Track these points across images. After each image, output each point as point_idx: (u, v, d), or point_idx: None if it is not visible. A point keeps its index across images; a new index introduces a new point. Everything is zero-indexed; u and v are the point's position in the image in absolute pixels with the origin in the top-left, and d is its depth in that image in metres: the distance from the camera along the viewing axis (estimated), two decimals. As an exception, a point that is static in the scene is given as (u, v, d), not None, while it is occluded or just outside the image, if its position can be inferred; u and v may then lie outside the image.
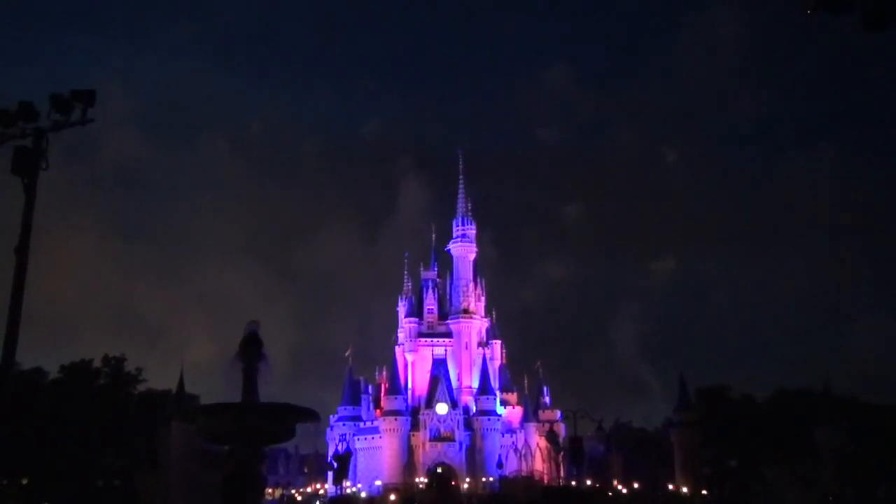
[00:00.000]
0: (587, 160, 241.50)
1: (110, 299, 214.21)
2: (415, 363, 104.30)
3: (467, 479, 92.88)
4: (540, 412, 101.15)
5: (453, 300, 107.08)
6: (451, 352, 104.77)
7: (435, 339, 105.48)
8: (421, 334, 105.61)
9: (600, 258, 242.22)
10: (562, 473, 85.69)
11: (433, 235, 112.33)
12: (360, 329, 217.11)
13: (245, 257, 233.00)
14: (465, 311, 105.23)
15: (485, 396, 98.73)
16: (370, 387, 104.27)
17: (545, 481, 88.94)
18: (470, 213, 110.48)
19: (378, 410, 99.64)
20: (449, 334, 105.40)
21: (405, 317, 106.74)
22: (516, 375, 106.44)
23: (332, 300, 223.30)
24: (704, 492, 78.06)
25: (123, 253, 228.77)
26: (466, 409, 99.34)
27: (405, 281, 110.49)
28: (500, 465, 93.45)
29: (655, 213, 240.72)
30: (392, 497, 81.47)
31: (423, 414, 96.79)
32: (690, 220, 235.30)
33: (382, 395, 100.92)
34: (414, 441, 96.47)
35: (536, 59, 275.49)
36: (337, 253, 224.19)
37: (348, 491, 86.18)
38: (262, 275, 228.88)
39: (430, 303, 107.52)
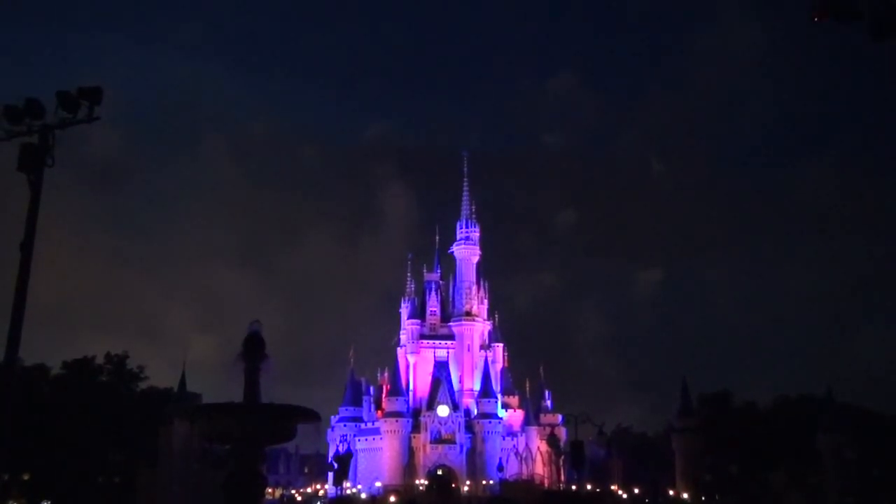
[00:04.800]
0: (591, 166, 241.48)
1: (113, 297, 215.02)
2: (416, 365, 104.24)
3: (468, 482, 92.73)
4: (541, 416, 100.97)
5: (456, 302, 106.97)
6: (452, 354, 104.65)
7: (437, 341, 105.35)
8: (423, 336, 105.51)
9: (603, 263, 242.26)
10: (562, 477, 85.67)
11: (436, 237, 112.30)
12: (360, 330, 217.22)
13: (246, 257, 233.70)
14: (468, 314, 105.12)
15: (486, 399, 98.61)
16: (371, 388, 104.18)
17: (546, 485, 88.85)
18: (474, 216, 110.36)
19: (379, 412, 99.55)
20: (451, 336, 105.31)
21: (407, 318, 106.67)
22: (518, 379, 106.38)
23: (334, 300, 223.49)
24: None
25: (127, 251, 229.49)
26: (468, 412, 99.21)
27: (408, 283, 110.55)
28: (500, 468, 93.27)
29: (659, 219, 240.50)
30: (392, 498, 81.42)
31: (425, 416, 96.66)
32: (695, 226, 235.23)
33: (384, 396, 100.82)
34: (415, 443, 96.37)
35: (543, 65, 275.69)
36: (338, 254, 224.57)
37: (348, 492, 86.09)
38: (264, 275, 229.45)
39: (433, 305, 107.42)
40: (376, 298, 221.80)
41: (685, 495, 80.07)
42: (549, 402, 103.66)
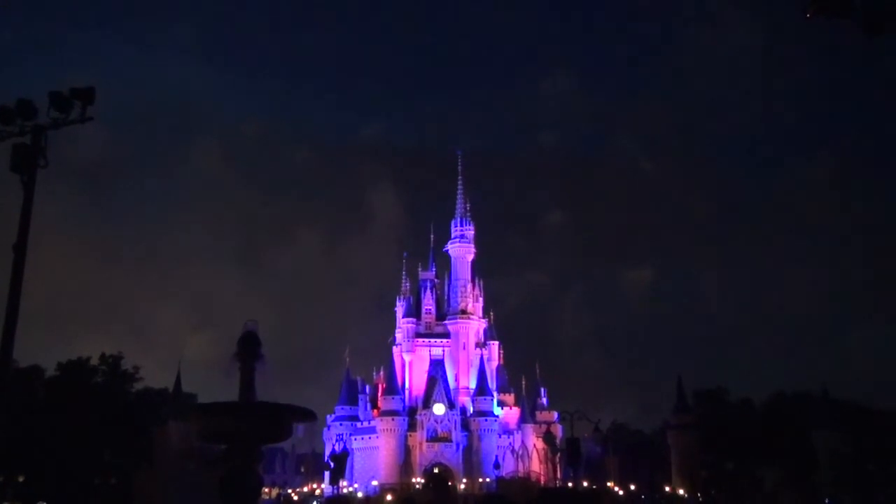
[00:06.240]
0: (585, 166, 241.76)
1: (108, 298, 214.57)
2: (412, 363, 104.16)
3: (464, 480, 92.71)
4: (537, 413, 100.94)
5: (451, 301, 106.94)
6: (448, 352, 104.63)
7: (433, 340, 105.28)
8: (419, 335, 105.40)
9: (598, 261, 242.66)
10: (559, 475, 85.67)
11: (431, 236, 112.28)
12: (355, 329, 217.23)
13: (240, 257, 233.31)
14: (463, 312, 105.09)
15: (482, 397, 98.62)
16: (367, 387, 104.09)
17: (542, 482, 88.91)
18: (469, 214, 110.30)
19: (375, 410, 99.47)
20: (447, 335, 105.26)
21: (403, 317, 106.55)
22: (514, 376, 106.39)
23: (328, 299, 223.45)
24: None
25: (120, 251, 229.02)
26: (464, 410, 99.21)
27: (403, 281, 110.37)
28: (496, 465, 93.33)
29: (653, 219, 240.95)
30: (388, 497, 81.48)
31: (421, 414, 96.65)
32: (691, 225, 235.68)
33: (380, 395, 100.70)
34: (411, 441, 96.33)
35: (537, 65, 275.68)
36: (332, 253, 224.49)
37: (345, 491, 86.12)
38: (257, 274, 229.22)
39: (428, 303, 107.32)
40: (371, 298, 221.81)
41: (681, 492, 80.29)
42: (544, 400, 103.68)
